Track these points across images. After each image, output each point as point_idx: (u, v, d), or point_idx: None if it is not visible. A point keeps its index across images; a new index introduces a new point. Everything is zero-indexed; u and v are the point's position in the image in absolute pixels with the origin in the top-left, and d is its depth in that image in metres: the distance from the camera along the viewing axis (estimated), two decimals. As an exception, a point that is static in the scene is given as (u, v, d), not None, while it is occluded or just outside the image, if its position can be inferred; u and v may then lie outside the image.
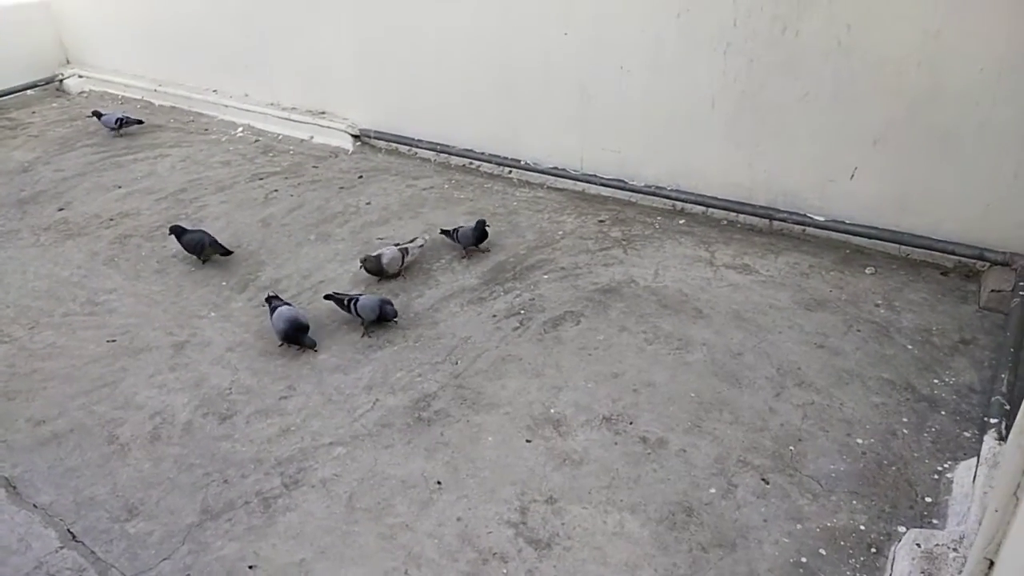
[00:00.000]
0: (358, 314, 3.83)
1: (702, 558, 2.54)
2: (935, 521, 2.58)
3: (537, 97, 5.15)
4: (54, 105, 7.91)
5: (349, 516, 2.82)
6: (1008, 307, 3.51)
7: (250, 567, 2.64)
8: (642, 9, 4.48)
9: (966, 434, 2.95)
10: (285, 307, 3.83)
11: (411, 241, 4.44)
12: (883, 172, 4.09)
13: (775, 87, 4.22)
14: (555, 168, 5.24)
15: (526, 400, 3.33)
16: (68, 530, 2.86)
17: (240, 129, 6.83)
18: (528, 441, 3.10)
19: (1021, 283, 3.55)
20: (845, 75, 3.98)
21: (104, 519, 2.89)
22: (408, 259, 4.30)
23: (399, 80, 5.81)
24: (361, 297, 3.85)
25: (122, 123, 6.68)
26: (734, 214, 4.65)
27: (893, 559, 2.44)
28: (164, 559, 2.70)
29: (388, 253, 4.24)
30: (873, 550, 2.52)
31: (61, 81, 8.24)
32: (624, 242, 4.56)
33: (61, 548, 2.78)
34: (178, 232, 4.61)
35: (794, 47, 4.06)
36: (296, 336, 3.71)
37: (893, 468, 2.83)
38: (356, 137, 6.23)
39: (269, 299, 3.98)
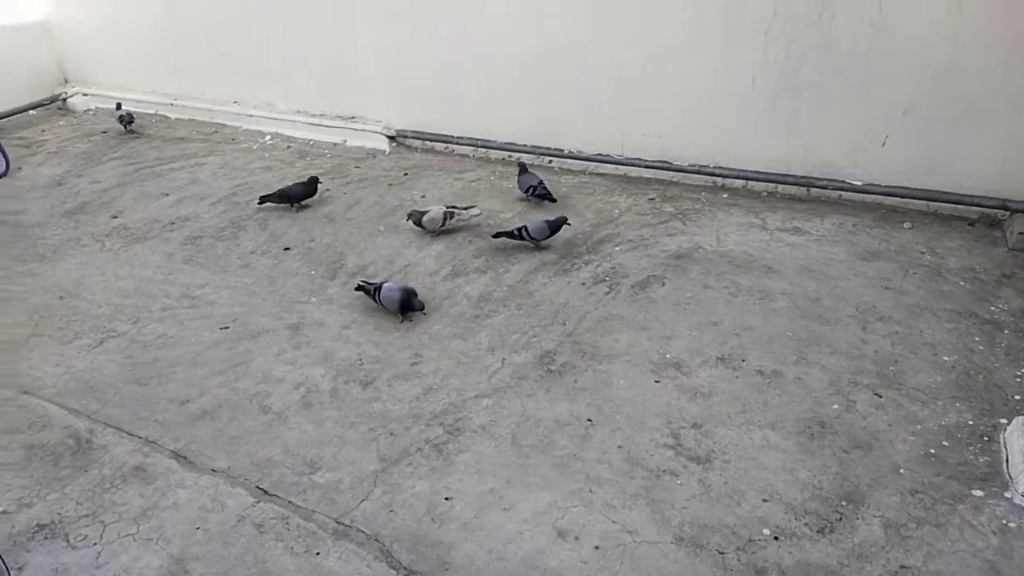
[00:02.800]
0: (532, 237, 4.33)
1: (846, 458, 2.93)
2: (1029, 413, 3.03)
3: (576, 86, 5.53)
4: (61, 123, 7.91)
5: (519, 452, 3.11)
6: (1038, 245, 4.05)
7: (446, 499, 2.91)
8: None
9: (1032, 346, 3.44)
10: (387, 283, 4.09)
11: (466, 208, 4.82)
12: (912, 138, 4.61)
13: (812, 66, 4.71)
14: (598, 154, 5.63)
15: (641, 349, 3.68)
16: (257, 486, 3.06)
17: (269, 137, 7.01)
18: (657, 381, 3.45)
19: (1046, 224, 4.10)
20: (876, 52, 4.50)
21: (288, 475, 3.11)
22: (452, 222, 4.73)
23: (431, 78, 6.11)
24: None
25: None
26: (774, 185, 5.12)
27: (1006, 441, 2.88)
28: (362, 500, 2.94)
29: (431, 212, 4.68)
30: (985, 438, 2.96)
31: (64, 100, 8.24)
32: (679, 215, 4.97)
33: (257, 503, 2.98)
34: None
35: (830, 28, 4.56)
36: (411, 303, 3.97)
37: (980, 376, 3.29)
38: (391, 138, 6.50)
39: (361, 286, 4.21)
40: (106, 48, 7.98)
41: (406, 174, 5.99)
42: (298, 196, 5.44)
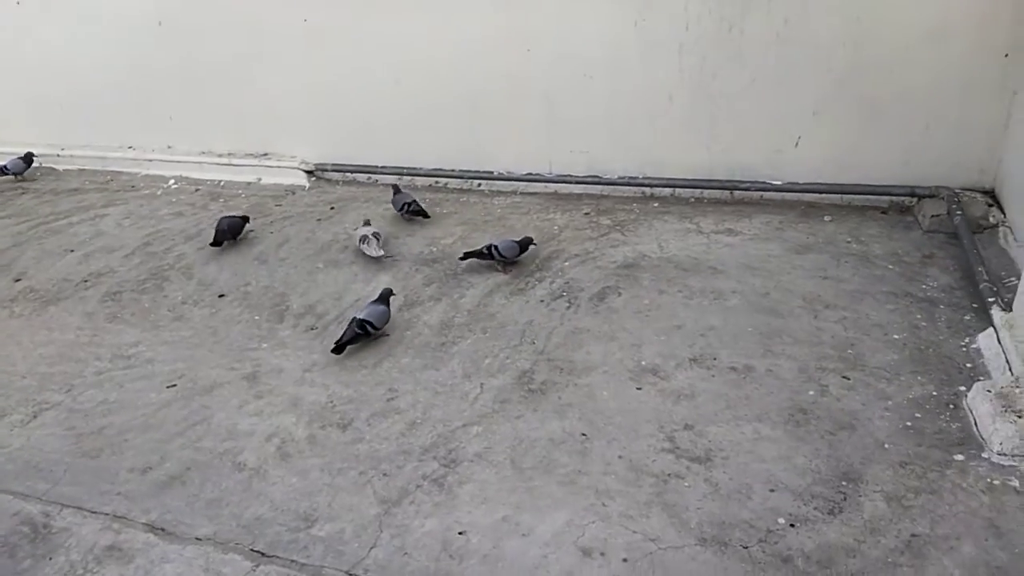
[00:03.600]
0: (501, 255, 4.47)
1: (834, 440, 3.07)
2: (981, 377, 3.29)
3: (503, 111, 5.57)
4: (-72, 184, 7.16)
5: (522, 476, 3.06)
6: (950, 226, 4.41)
7: (460, 533, 2.82)
8: (601, 21, 5.06)
9: (967, 317, 3.73)
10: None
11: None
12: (822, 138, 4.93)
13: (725, 77, 4.96)
14: (528, 174, 5.68)
15: (615, 359, 3.73)
16: (252, 549, 2.86)
17: (172, 181, 6.64)
18: (639, 389, 3.50)
19: (952, 206, 4.48)
20: (784, 61, 4.79)
21: (284, 532, 2.92)
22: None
23: (349, 109, 5.98)
24: (498, 242, 4.51)
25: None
26: (699, 191, 5.33)
27: (971, 407, 3.11)
28: (371, 547, 2.80)
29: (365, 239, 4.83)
30: (951, 406, 3.17)
31: (-70, 159, 7.46)
32: (618, 227, 5.08)
33: (256, 566, 2.78)
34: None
35: (740, 42, 4.82)
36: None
37: (931, 350, 3.54)
38: (310, 172, 6.31)
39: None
40: (-26, 98, 7.32)
41: (332, 208, 5.82)
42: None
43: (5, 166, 6.76)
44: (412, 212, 5.28)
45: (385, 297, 4.12)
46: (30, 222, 6.02)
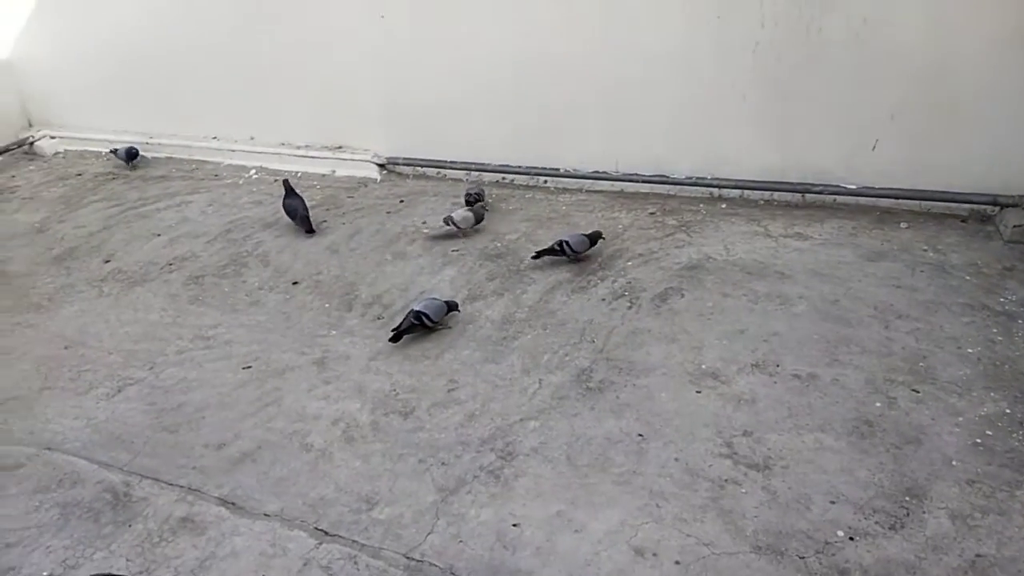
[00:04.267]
0: (573, 251, 4.53)
1: (899, 454, 2.98)
2: (1060, 397, 3.14)
3: (570, 108, 5.57)
4: (31, 168, 7.64)
5: (577, 472, 3.09)
6: (1034, 236, 4.22)
7: (514, 525, 2.86)
8: (675, 17, 5.00)
9: (1048, 334, 3.57)
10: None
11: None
12: (900, 141, 4.77)
13: (801, 77, 4.84)
14: (594, 172, 5.67)
15: (675, 361, 3.70)
16: (316, 527, 2.97)
17: (253, 171, 6.88)
18: (698, 392, 3.47)
19: (1037, 217, 4.28)
20: (862, 62, 4.64)
21: (346, 513, 3.02)
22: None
23: (421, 104, 6.08)
24: (568, 237, 4.57)
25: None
26: (769, 193, 5.22)
27: (1047, 428, 2.98)
28: (428, 533, 2.87)
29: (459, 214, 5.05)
30: (1026, 425, 3.05)
31: (31, 144, 7.96)
32: (683, 227, 5.03)
33: (320, 544, 2.89)
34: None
35: (817, 42, 4.70)
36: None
37: (1006, 366, 3.40)
38: (382, 166, 6.45)
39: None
40: (73, 88, 7.75)
41: (402, 201, 5.94)
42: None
43: (116, 149, 7.14)
44: (471, 200, 5.36)
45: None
46: (120, 207, 6.35)
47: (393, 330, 4.03)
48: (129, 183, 6.88)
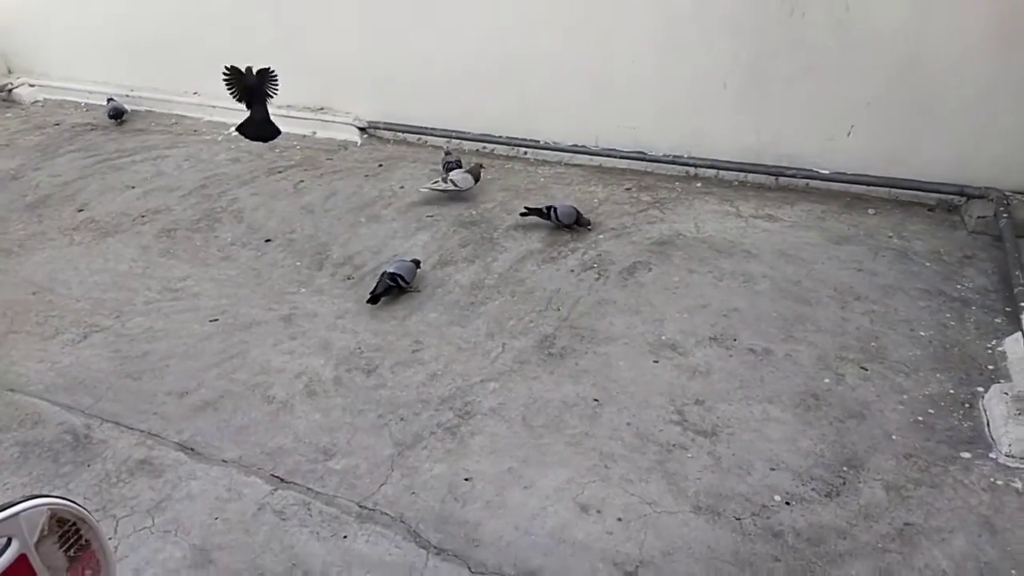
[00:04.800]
0: (559, 219, 4.63)
1: (842, 427, 3.10)
2: (1002, 380, 3.26)
3: (552, 81, 5.60)
4: (8, 115, 7.59)
5: (531, 432, 3.18)
6: (996, 228, 4.33)
7: (466, 479, 2.95)
8: (660, -2, 5.04)
9: (998, 320, 3.68)
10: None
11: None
12: (875, 129, 4.85)
13: (782, 61, 4.89)
14: (574, 145, 5.72)
15: (637, 332, 3.79)
16: (272, 475, 3.05)
17: (232, 129, 6.84)
18: (655, 362, 3.57)
19: (1000, 208, 4.38)
20: (843, 49, 4.70)
21: (303, 462, 3.10)
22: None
23: (404, 70, 6.08)
24: (558, 205, 4.69)
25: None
26: (744, 174, 5.30)
27: (986, 408, 3.10)
28: (382, 484, 2.96)
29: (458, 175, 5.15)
30: (967, 405, 3.17)
31: (10, 91, 7.89)
32: (657, 204, 5.10)
33: (275, 490, 2.97)
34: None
35: (800, 26, 4.75)
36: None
37: (955, 349, 3.51)
38: (362, 130, 6.46)
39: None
40: (53, 37, 7.68)
41: (380, 165, 5.96)
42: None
43: (111, 98, 7.11)
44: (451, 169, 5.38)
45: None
46: (96, 157, 6.33)
47: (371, 293, 4.08)
48: (107, 135, 6.85)
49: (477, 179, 5.23)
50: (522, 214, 4.79)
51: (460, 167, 5.41)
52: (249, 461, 3.12)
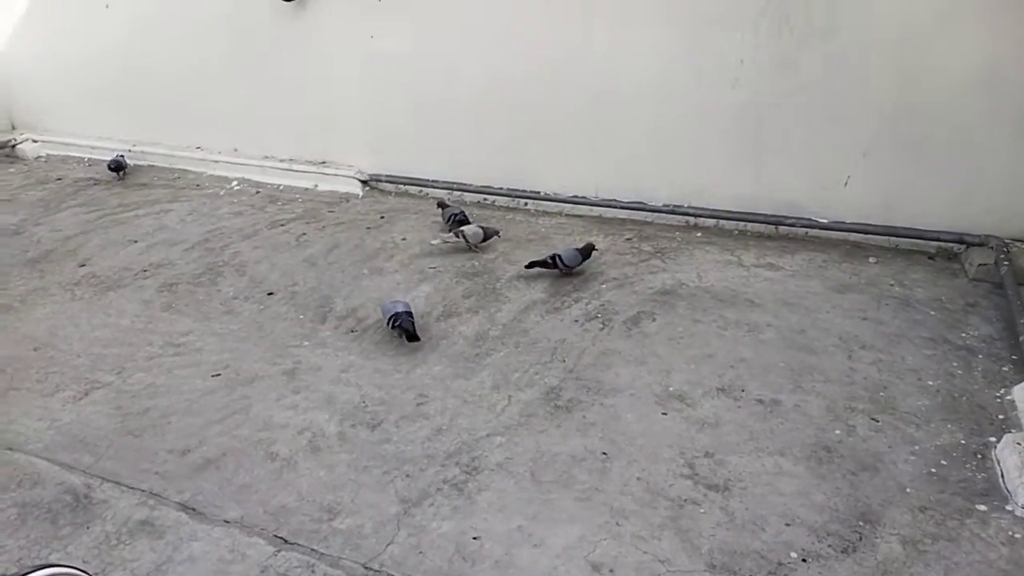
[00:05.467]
0: (566, 265, 4.69)
1: (855, 480, 3.06)
2: (1013, 430, 3.23)
3: (551, 133, 5.71)
4: (11, 170, 7.66)
5: (540, 488, 3.13)
6: (997, 276, 4.35)
7: (474, 538, 2.89)
8: (655, 50, 5.15)
9: (1004, 368, 3.68)
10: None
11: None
12: (872, 178, 4.92)
13: (778, 113, 5.00)
14: (574, 196, 5.78)
15: (643, 383, 3.77)
16: (275, 535, 2.98)
17: (235, 183, 6.93)
18: (664, 414, 3.54)
19: (1000, 256, 4.42)
20: (837, 99, 4.81)
21: (307, 522, 3.04)
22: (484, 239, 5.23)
23: (405, 124, 6.20)
24: (561, 252, 4.74)
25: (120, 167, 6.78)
26: (744, 224, 5.35)
27: (999, 458, 3.07)
28: (388, 544, 2.89)
29: (471, 227, 5.20)
30: (979, 456, 3.14)
31: (13, 147, 7.98)
32: (658, 254, 5.13)
33: (278, 551, 2.90)
34: None
35: (794, 78, 4.86)
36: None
37: (964, 398, 3.49)
38: (364, 182, 6.53)
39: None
40: (56, 93, 7.82)
41: (382, 217, 6.01)
42: None
43: (114, 160, 7.13)
44: (458, 222, 5.43)
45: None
46: (98, 212, 6.37)
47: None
48: (109, 189, 6.91)
49: (489, 236, 5.23)
50: (527, 266, 4.81)
51: (467, 219, 5.45)
52: (252, 521, 3.06)
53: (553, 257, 4.71)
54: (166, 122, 7.31)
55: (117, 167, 7.05)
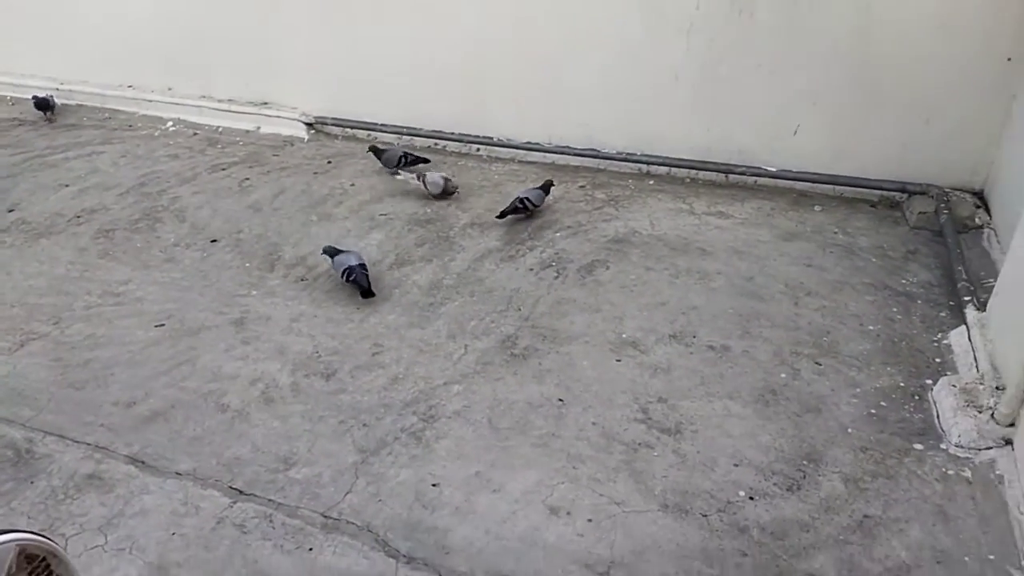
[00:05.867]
0: (533, 204, 4.79)
1: (800, 421, 3.18)
2: (949, 373, 3.40)
3: (506, 78, 5.58)
4: (-77, 108, 7.15)
5: (497, 435, 3.17)
6: (936, 224, 4.51)
7: (434, 485, 2.92)
8: (613, -4, 5.07)
9: (942, 314, 3.84)
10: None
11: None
12: (820, 127, 4.99)
13: (731, 61, 4.99)
14: (527, 143, 5.72)
15: (597, 330, 3.82)
16: (230, 486, 2.96)
17: (171, 123, 6.64)
18: (618, 360, 3.60)
19: (940, 204, 4.57)
20: (791, 47, 4.82)
21: (262, 472, 3.02)
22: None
23: (353, 63, 5.98)
24: (526, 194, 4.80)
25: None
26: (695, 172, 5.39)
27: (935, 400, 3.23)
28: (347, 492, 2.90)
29: (432, 175, 5.10)
30: (917, 397, 3.29)
31: (-76, 82, 7.43)
32: (611, 202, 5.14)
33: (234, 503, 2.89)
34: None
35: (749, 26, 4.85)
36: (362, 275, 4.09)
37: (903, 343, 3.64)
38: (310, 125, 6.32)
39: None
40: (-27, 25, 7.27)
41: (330, 162, 5.85)
42: None
43: (35, 97, 6.72)
44: (411, 162, 5.32)
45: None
46: (25, 154, 6.04)
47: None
48: (36, 130, 6.55)
49: (449, 191, 5.13)
50: (498, 217, 4.78)
51: (420, 160, 5.34)
52: (205, 473, 3.02)
53: (522, 201, 4.74)
54: (96, 58, 6.89)
55: (44, 106, 6.64)
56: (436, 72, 5.72)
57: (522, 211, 4.75)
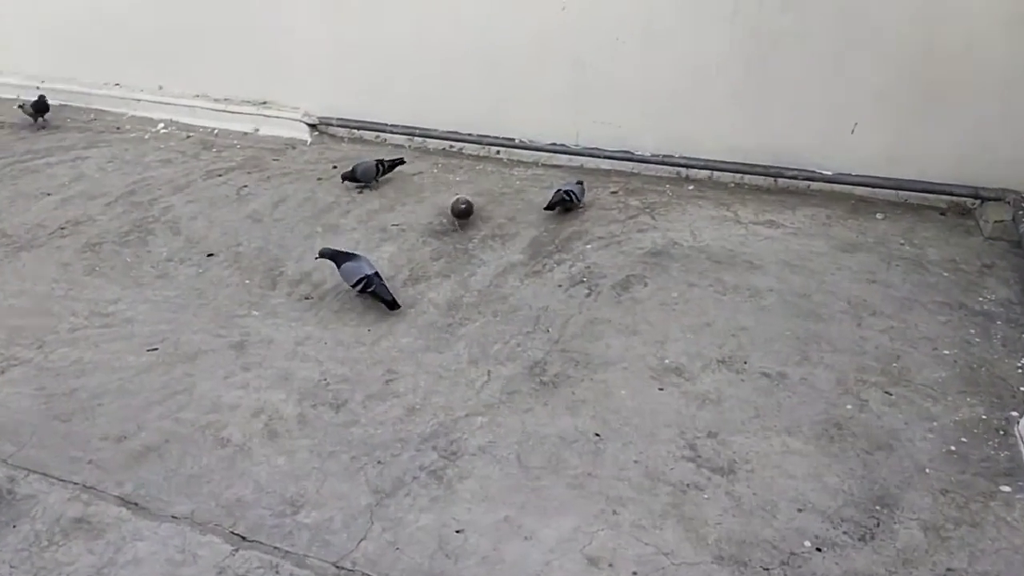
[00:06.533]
0: (579, 199, 4.94)
1: (870, 460, 3.10)
2: (1036, 403, 3.31)
3: (528, 74, 5.56)
4: None
5: (528, 474, 3.11)
6: (1015, 234, 4.41)
7: (457, 531, 2.87)
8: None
9: (1025, 336, 3.75)
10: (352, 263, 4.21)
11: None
12: (881, 126, 4.91)
13: (780, 53, 4.93)
14: (552, 144, 5.68)
15: (636, 355, 3.75)
16: (232, 532, 2.92)
17: (162, 125, 6.67)
18: (660, 389, 3.53)
19: (1019, 212, 4.47)
20: (848, 39, 4.76)
21: (267, 516, 2.98)
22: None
23: (360, 60, 5.98)
24: (569, 187, 4.92)
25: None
26: (740, 175, 5.33)
27: (1021, 435, 3.13)
28: (361, 539, 2.85)
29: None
30: (1001, 432, 3.20)
31: None
32: (647, 209, 5.09)
33: (236, 551, 2.84)
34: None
35: (801, 14, 4.79)
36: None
37: (983, 369, 3.55)
38: (313, 126, 6.32)
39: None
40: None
41: (335, 167, 5.83)
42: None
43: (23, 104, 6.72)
44: (389, 167, 5.41)
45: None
46: (4, 159, 6.08)
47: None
48: (15, 133, 6.61)
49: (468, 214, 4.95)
50: (546, 208, 4.92)
51: (396, 164, 5.45)
52: (203, 517, 2.98)
53: (569, 194, 4.84)
54: (80, 55, 6.93)
55: (40, 109, 6.60)
56: (450, 66, 5.70)
57: (569, 203, 4.84)
